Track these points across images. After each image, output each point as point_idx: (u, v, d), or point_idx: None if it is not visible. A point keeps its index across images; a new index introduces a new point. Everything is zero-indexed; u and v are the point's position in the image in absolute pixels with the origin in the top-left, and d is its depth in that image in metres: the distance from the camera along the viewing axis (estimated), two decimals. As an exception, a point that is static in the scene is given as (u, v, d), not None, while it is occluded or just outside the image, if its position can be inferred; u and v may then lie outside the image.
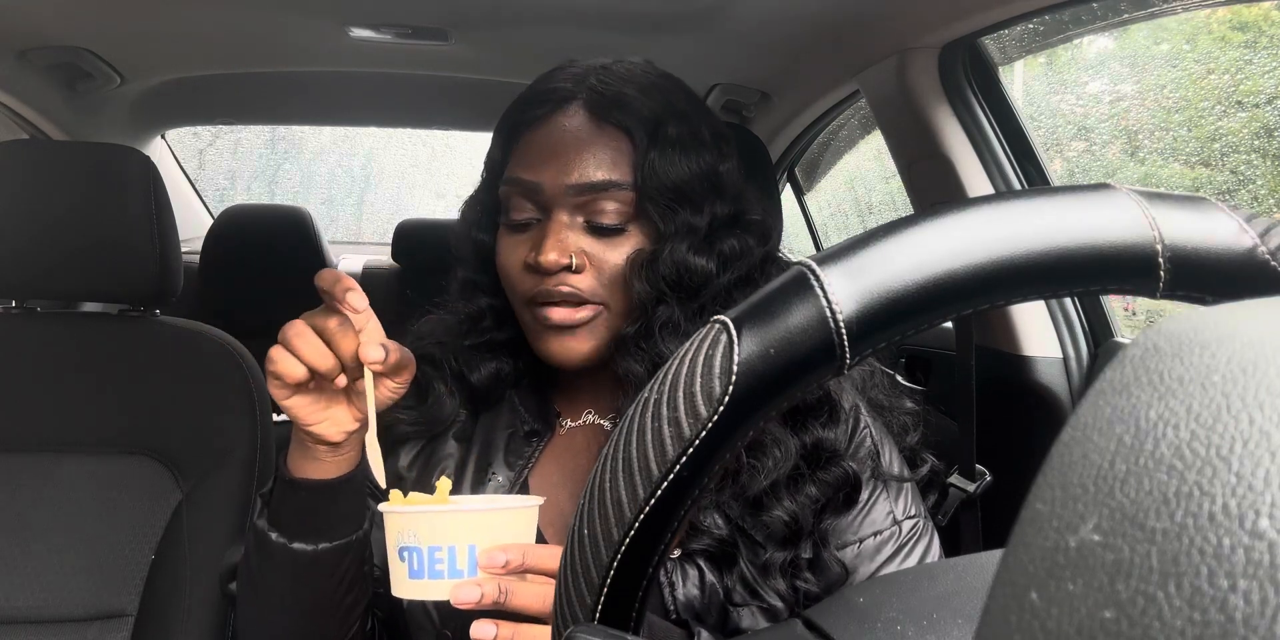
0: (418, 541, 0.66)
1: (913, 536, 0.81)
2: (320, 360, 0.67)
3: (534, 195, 0.79)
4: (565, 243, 0.77)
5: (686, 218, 0.77)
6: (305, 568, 0.74)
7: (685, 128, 0.79)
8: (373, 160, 5.03)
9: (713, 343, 0.32)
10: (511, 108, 0.83)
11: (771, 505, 0.75)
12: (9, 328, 1.31)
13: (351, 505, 0.76)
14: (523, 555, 0.64)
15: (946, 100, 1.34)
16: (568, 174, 0.77)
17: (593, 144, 0.78)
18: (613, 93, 0.79)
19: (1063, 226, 0.30)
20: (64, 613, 1.18)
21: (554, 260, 0.76)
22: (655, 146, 0.77)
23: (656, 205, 0.77)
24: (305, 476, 0.73)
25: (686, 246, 0.77)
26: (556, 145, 0.78)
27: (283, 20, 1.64)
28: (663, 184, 0.76)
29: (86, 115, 2.06)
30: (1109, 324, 1.28)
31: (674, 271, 0.76)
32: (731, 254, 0.79)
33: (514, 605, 0.64)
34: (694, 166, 0.78)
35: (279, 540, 0.74)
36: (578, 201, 0.78)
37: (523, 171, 0.79)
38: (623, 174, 0.77)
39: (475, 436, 0.86)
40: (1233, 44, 1.70)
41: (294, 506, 0.74)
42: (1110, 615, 0.15)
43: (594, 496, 0.33)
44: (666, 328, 0.76)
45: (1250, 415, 0.15)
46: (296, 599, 0.76)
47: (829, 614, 0.38)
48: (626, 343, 0.77)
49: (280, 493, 0.75)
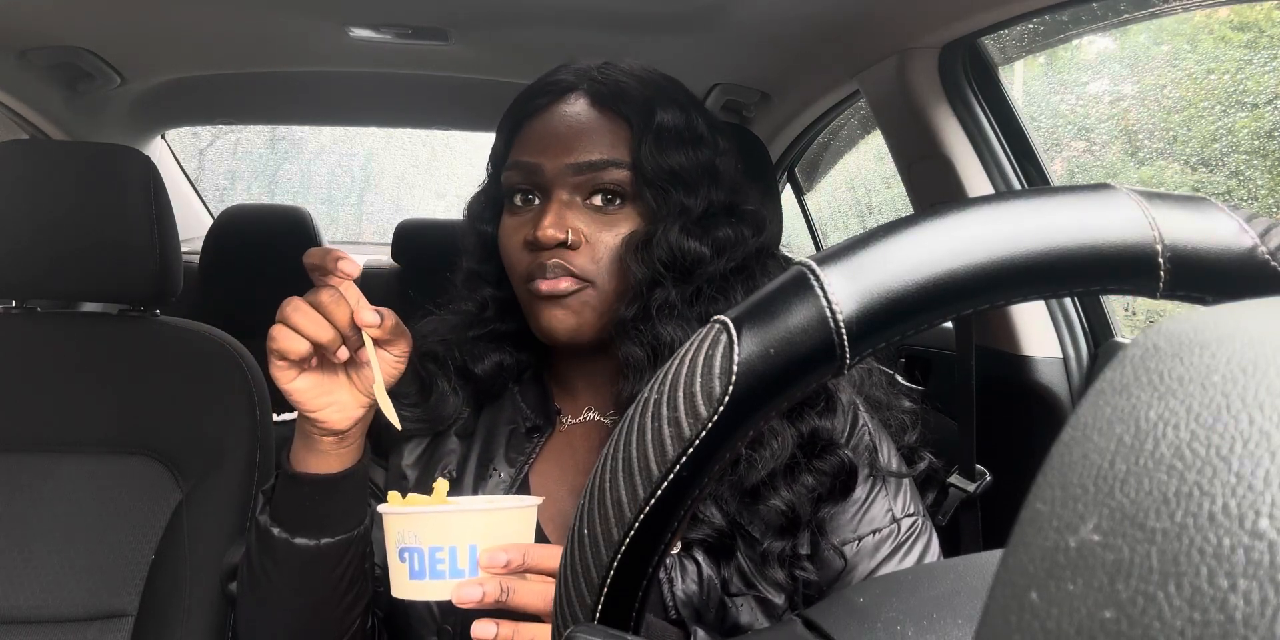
0: (418, 542, 0.66)
1: (911, 534, 0.81)
2: (320, 332, 0.69)
3: (535, 176, 0.81)
4: (563, 219, 0.79)
5: (680, 199, 0.79)
6: (308, 563, 0.75)
7: (682, 118, 0.81)
8: (373, 160, 5.04)
9: (713, 343, 0.32)
10: (514, 102, 0.86)
11: (769, 495, 0.76)
12: (9, 328, 1.31)
13: (353, 500, 0.77)
14: (523, 555, 0.65)
15: (946, 100, 1.34)
16: (567, 154, 0.80)
17: (592, 127, 0.81)
18: (612, 83, 0.82)
19: (1063, 226, 0.30)
20: (64, 613, 1.18)
21: (551, 235, 0.78)
22: (651, 132, 0.80)
23: (652, 187, 0.79)
24: (308, 471, 0.74)
25: (679, 228, 0.79)
26: (557, 129, 0.81)
27: (283, 20, 1.64)
28: (658, 165, 0.79)
29: (86, 115, 2.06)
30: (1109, 324, 1.28)
31: (668, 253, 0.78)
32: (725, 241, 0.81)
33: (516, 604, 0.64)
34: (689, 153, 0.80)
35: (281, 535, 0.75)
36: (576, 181, 0.80)
37: (525, 155, 0.82)
38: (620, 154, 0.80)
39: (477, 433, 0.87)
40: (1233, 44, 1.70)
41: (296, 501, 0.75)
42: (1110, 615, 0.15)
43: (594, 496, 0.33)
44: (664, 310, 0.78)
45: (1250, 415, 0.15)
46: (299, 595, 0.77)
47: (829, 614, 0.38)
48: (625, 326, 0.79)
49: (282, 488, 0.76)
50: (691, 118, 0.82)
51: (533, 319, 0.82)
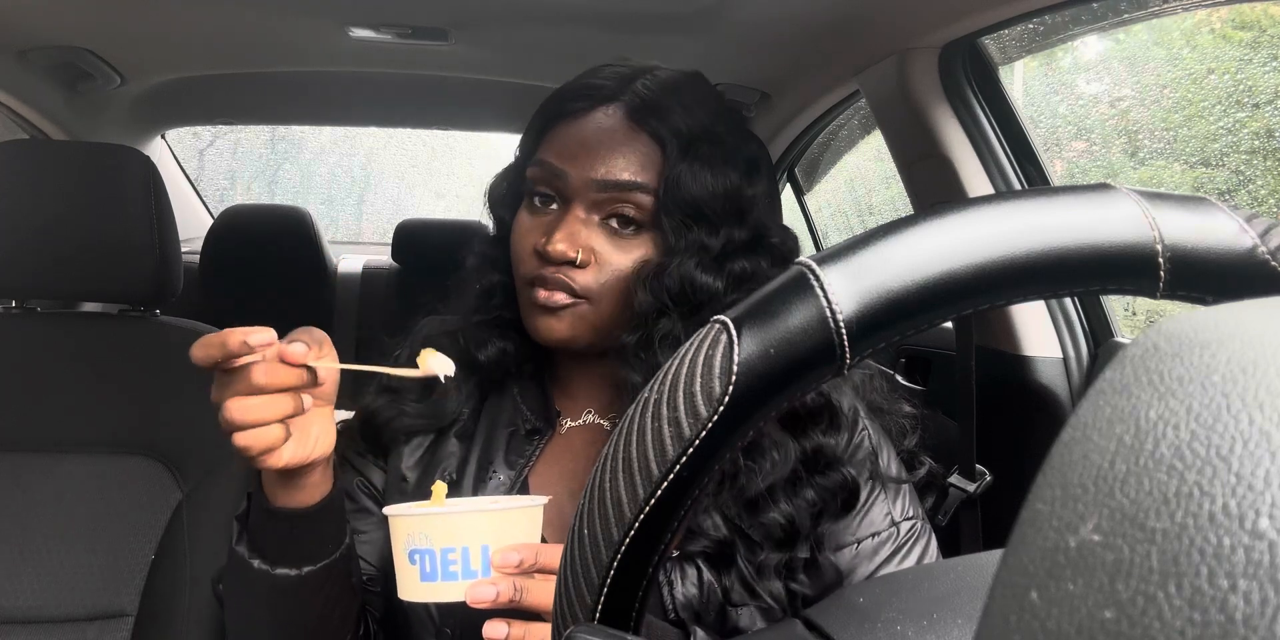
0: (430, 543, 0.65)
1: (910, 537, 0.81)
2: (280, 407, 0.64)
3: (558, 182, 0.79)
4: (577, 236, 0.78)
5: (700, 237, 0.77)
6: (290, 592, 0.73)
7: (719, 149, 0.79)
8: (373, 160, 5.04)
9: (713, 343, 0.32)
10: (552, 97, 0.84)
11: (768, 507, 0.75)
12: (9, 328, 1.31)
13: (334, 527, 0.74)
14: (535, 554, 0.65)
15: (946, 100, 1.33)
16: (595, 168, 0.78)
17: (625, 145, 0.78)
18: (654, 100, 0.79)
19: (1063, 226, 0.30)
20: (64, 613, 1.18)
21: (561, 251, 0.77)
22: (685, 160, 0.77)
23: (673, 218, 0.77)
24: (288, 506, 0.71)
25: (695, 263, 0.77)
26: (589, 139, 0.79)
27: (283, 20, 1.64)
28: (683, 197, 0.77)
29: (86, 115, 2.06)
30: (1109, 324, 1.28)
31: (679, 285, 0.76)
32: (742, 275, 0.79)
33: (529, 604, 0.64)
34: (718, 186, 0.78)
35: (261, 567, 0.72)
36: (598, 198, 0.78)
37: (553, 157, 0.80)
38: (648, 178, 0.78)
39: (476, 435, 0.86)
40: (1234, 42, 1.70)
41: (276, 535, 0.72)
42: (1110, 615, 0.15)
43: (594, 496, 0.33)
44: (666, 340, 0.77)
45: (1250, 415, 0.15)
46: (282, 622, 0.75)
47: (829, 614, 0.38)
48: (626, 352, 0.78)
49: (260, 521, 0.73)
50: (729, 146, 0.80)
51: (527, 321, 0.82)
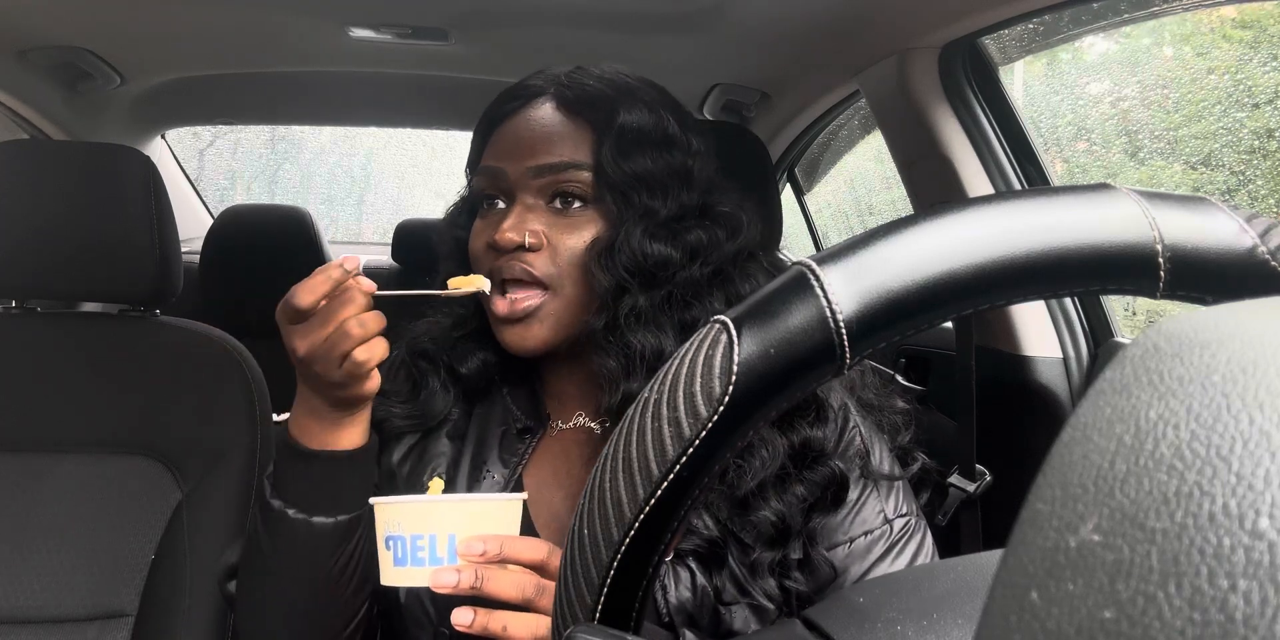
0: (401, 530, 0.70)
1: (904, 535, 0.81)
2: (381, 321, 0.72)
3: (500, 181, 0.82)
4: (523, 222, 0.80)
5: (644, 202, 0.79)
6: (324, 539, 0.76)
7: (649, 120, 0.81)
8: (372, 160, 5.04)
9: (713, 343, 0.32)
10: (488, 107, 0.87)
11: (759, 506, 0.76)
12: (9, 328, 1.31)
13: (367, 475, 0.79)
14: (500, 545, 0.68)
15: (946, 100, 1.33)
16: (530, 158, 0.81)
17: (556, 131, 0.81)
18: (578, 87, 0.83)
19: (1063, 226, 0.30)
20: (64, 613, 1.18)
21: (509, 238, 0.79)
22: (614, 134, 0.80)
23: (613, 190, 0.79)
24: (328, 448, 0.76)
25: (642, 230, 0.78)
26: (522, 134, 0.82)
27: (283, 20, 1.64)
28: (621, 168, 0.79)
29: (86, 115, 2.06)
30: (1109, 324, 1.28)
31: (631, 258, 0.77)
32: (698, 244, 0.80)
33: (489, 591, 0.67)
34: (656, 156, 0.80)
35: (298, 516, 0.76)
36: (539, 183, 0.80)
37: (491, 160, 0.83)
38: (583, 156, 0.80)
39: (469, 435, 0.87)
40: (1235, 41, 1.70)
41: (310, 480, 0.76)
42: (1110, 615, 0.15)
43: (594, 496, 0.33)
44: (631, 317, 0.78)
45: (1250, 415, 0.15)
46: (312, 575, 0.77)
47: (829, 614, 0.38)
48: (596, 336, 0.79)
49: (293, 469, 0.77)
50: (661, 119, 0.82)
51: (498, 335, 0.82)
